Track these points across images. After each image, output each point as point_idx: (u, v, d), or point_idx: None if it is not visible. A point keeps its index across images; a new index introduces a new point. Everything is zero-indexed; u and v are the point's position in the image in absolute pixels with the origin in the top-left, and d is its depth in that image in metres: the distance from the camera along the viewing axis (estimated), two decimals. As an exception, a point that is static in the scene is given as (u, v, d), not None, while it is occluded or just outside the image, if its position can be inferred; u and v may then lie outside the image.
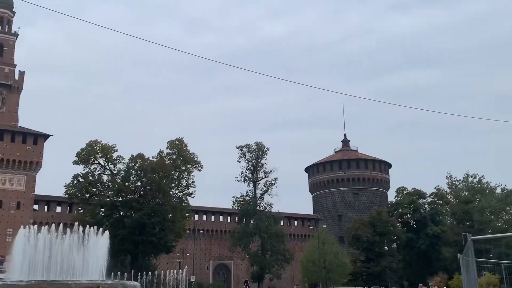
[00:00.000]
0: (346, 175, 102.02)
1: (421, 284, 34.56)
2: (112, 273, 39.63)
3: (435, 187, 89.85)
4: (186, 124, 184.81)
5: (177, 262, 75.99)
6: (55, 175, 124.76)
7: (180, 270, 55.86)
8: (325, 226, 76.01)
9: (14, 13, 78.33)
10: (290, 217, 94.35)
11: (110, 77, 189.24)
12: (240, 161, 70.40)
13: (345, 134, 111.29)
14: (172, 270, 51.76)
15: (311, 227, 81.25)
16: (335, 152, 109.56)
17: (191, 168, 66.26)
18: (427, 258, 79.86)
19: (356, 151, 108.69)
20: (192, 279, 62.91)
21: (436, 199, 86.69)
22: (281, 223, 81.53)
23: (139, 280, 42.06)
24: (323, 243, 64.50)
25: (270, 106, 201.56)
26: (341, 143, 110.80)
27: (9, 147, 69.56)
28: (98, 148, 62.02)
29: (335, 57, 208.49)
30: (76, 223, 37.22)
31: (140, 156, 62.58)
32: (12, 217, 67.46)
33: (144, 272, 48.00)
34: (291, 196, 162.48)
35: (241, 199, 69.59)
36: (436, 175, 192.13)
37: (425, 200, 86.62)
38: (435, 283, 56.38)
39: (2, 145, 69.20)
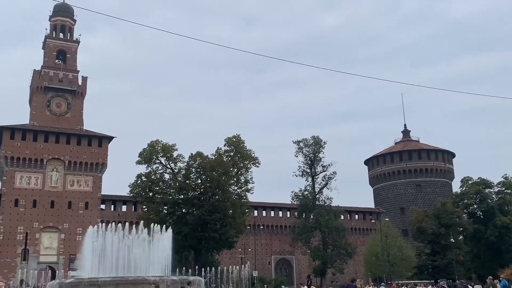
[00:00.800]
0: (407, 167, 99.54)
1: (490, 277, 33.02)
2: (177, 269, 40.53)
3: (503, 176, 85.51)
4: (242, 121, 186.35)
5: (239, 257, 76.82)
6: (119, 175, 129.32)
7: (243, 265, 56.37)
8: (387, 219, 74.31)
9: (75, 21, 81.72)
10: (350, 211, 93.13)
11: (168, 78, 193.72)
12: (297, 156, 70.09)
13: (405, 125, 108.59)
14: (234, 266, 52.30)
15: (373, 221, 79.74)
16: (395, 143, 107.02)
17: (248, 165, 66.71)
18: (496, 250, 76.49)
19: (417, 141, 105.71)
20: (255, 274, 63.35)
21: (504, 188, 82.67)
22: (342, 217, 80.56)
23: (202, 276, 42.77)
24: (386, 237, 63.18)
25: (326, 99, 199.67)
26: (401, 134, 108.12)
27: (76, 150, 72.80)
28: (159, 148, 63.59)
29: (393, 45, 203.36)
30: (141, 221, 38.44)
31: (199, 154, 63.59)
32: (81, 217, 70.66)
33: (208, 268, 48.78)
34: (351, 190, 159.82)
35: (300, 194, 69.27)
36: (503, 163, 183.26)
37: (492, 190, 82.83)
38: (506, 276, 53.68)
39: (69, 148, 72.52)
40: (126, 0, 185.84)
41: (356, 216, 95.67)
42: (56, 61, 78.43)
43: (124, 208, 78.06)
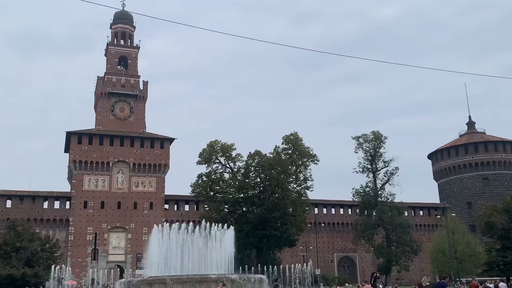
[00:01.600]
0: (474, 160, 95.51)
1: None
2: (240, 267, 40.88)
3: None
4: (300, 118, 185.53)
5: (301, 255, 76.56)
6: (181, 176, 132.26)
7: (305, 263, 56.10)
8: (454, 214, 71.57)
9: (134, 27, 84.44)
10: (414, 207, 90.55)
11: (225, 78, 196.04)
12: (357, 152, 69.05)
13: (469, 116, 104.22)
14: (296, 264, 52.11)
15: (438, 216, 77.12)
16: (460, 135, 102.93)
17: (307, 162, 66.33)
18: None
19: (483, 133, 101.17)
20: (317, 272, 62.88)
21: None
22: (405, 214, 78.58)
23: (265, 274, 42.92)
24: (453, 233, 60.86)
25: (386, 93, 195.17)
26: (466, 126, 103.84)
27: (139, 152, 75.24)
28: (218, 148, 64.47)
29: (455, 34, 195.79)
30: (203, 220, 39.07)
31: (258, 153, 63.90)
32: (146, 217, 72.93)
33: (270, 266, 48.90)
34: (414, 185, 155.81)
35: (361, 191, 68.18)
36: None
37: None
38: None
39: (133, 151, 75.06)
40: (183, 4, 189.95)
41: (421, 212, 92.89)
42: (118, 67, 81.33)
43: (186, 207, 79.76)
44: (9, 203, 71.57)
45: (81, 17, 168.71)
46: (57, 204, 73.83)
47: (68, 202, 73.05)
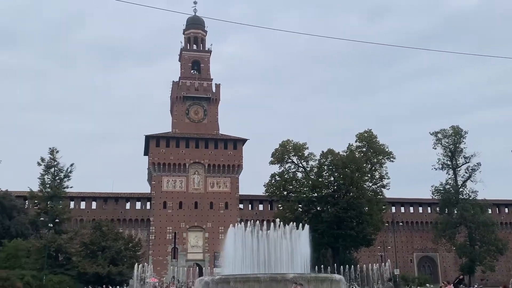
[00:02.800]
0: None
1: None
2: (316, 267, 40.57)
3: None
4: (374, 115, 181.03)
5: (378, 255, 74.86)
6: (255, 176, 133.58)
7: (383, 263, 54.71)
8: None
9: (206, 32, 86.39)
10: (499, 204, 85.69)
11: (298, 77, 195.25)
12: (435, 148, 66.69)
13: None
14: (374, 264, 50.93)
15: (526, 214, 72.43)
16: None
17: (382, 160, 64.80)
18: None
19: None
20: (396, 272, 61.11)
21: None
22: (489, 211, 74.59)
23: (342, 273, 42.30)
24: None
25: (464, 86, 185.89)
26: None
27: (214, 153, 76.91)
28: (290, 147, 64.48)
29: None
30: (277, 219, 39.14)
31: (330, 151, 63.25)
32: (222, 217, 74.37)
33: (347, 266, 48.16)
34: (499, 181, 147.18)
35: (441, 188, 65.75)
36: None
37: None
38: None
39: (208, 152, 76.83)
40: (253, 6, 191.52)
41: (506, 210, 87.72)
42: (192, 71, 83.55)
43: (261, 207, 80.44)
44: (94, 205, 75.79)
45: (157, 24, 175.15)
46: (138, 205, 77.21)
47: (148, 203, 76.12)
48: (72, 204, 72.03)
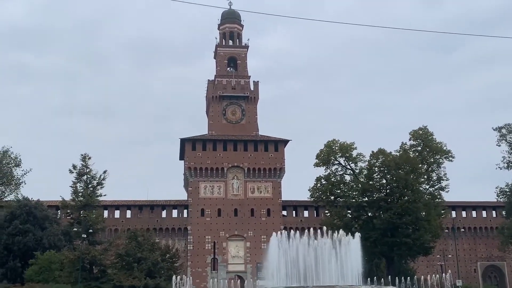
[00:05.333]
0: None
1: None
2: (368, 278, 39.83)
3: None
4: (429, 110, 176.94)
5: (438, 265, 73.08)
6: (298, 180, 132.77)
7: (443, 273, 53.22)
8: None
9: (242, 26, 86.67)
10: None
11: (343, 71, 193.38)
12: (499, 145, 64.33)
13: None
14: (433, 274, 49.63)
15: None
16: None
17: (440, 159, 63.21)
18: None
19: None
20: (458, 283, 59.37)
21: None
22: None
23: (397, 285, 41.40)
24: None
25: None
26: None
27: (253, 156, 76.93)
28: (336, 148, 63.59)
29: None
30: (325, 227, 38.67)
31: (381, 151, 62.04)
32: (264, 224, 74.24)
33: (402, 277, 47.08)
34: None
35: (507, 190, 63.49)
36: None
37: None
38: None
39: (247, 155, 76.90)
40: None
41: None
42: (228, 68, 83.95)
43: (306, 213, 79.87)
44: (128, 213, 77.07)
45: (191, 21, 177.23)
46: (175, 213, 78.03)
47: (185, 211, 76.81)
48: (105, 213, 73.29)
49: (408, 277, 48.52)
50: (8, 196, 54.24)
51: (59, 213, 70.63)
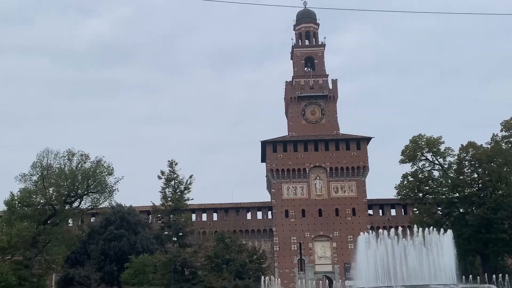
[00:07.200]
0: None
1: None
2: (463, 276, 38.63)
3: None
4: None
5: (539, 262, 69.02)
6: (384, 178, 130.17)
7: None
8: None
9: (318, 25, 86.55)
10: None
11: (428, 63, 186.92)
12: None
13: None
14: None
15: None
16: None
17: (536, 149, 59.84)
18: None
19: None
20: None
21: None
22: None
23: (494, 283, 39.78)
24: None
25: None
26: None
27: (335, 155, 76.58)
28: (423, 143, 62.00)
29: None
30: (414, 225, 37.95)
31: (471, 144, 59.78)
32: (349, 224, 73.67)
33: (499, 275, 45.17)
34: None
35: None
36: None
37: None
38: None
39: (329, 155, 76.68)
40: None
41: None
42: (305, 68, 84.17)
43: (393, 212, 78.39)
44: (215, 216, 79.28)
45: (266, 25, 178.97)
46: (259, 215, 79.33)
47: (270, 212, 77.82)
48: (193, 216, 75.85)
49: (506, 275, 46.51)
50: (103, 203, 57.50)
51: (150, 217, 73.97)
